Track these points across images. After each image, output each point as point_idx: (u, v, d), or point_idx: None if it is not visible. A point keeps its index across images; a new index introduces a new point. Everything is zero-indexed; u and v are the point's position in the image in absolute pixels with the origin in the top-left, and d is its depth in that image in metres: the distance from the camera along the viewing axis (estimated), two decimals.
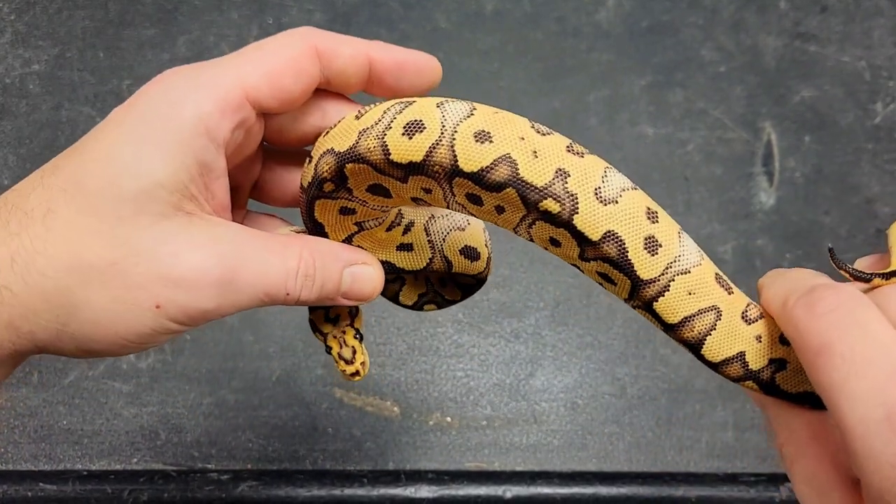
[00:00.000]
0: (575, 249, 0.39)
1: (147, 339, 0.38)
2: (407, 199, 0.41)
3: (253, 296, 0.38)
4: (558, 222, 0.37)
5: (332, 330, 0.47)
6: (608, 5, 0.88)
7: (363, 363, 0.46)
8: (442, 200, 0.40)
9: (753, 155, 0.84)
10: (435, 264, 0.46)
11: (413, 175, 0.38)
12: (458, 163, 0.37)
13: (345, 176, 0.39)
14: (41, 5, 0.87)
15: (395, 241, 0.45)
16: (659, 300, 0.38)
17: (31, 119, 0.83)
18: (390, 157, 0.37)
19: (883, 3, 0.88)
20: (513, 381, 0.77)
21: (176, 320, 0.37)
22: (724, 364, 0.39)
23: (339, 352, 0.46)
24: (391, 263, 0.45)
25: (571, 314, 0.79)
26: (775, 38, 0.87)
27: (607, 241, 0.37)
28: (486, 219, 0.41)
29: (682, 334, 0.39)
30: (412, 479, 0.72)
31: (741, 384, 0.40)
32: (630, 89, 0.86)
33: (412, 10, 0.88)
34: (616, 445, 0.75)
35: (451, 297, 0.51)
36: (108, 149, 0.38)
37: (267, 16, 0.87)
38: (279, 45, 0.40)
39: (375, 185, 0.40)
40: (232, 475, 0.72)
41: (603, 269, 0.39)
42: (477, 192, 0.38)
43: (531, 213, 0.37)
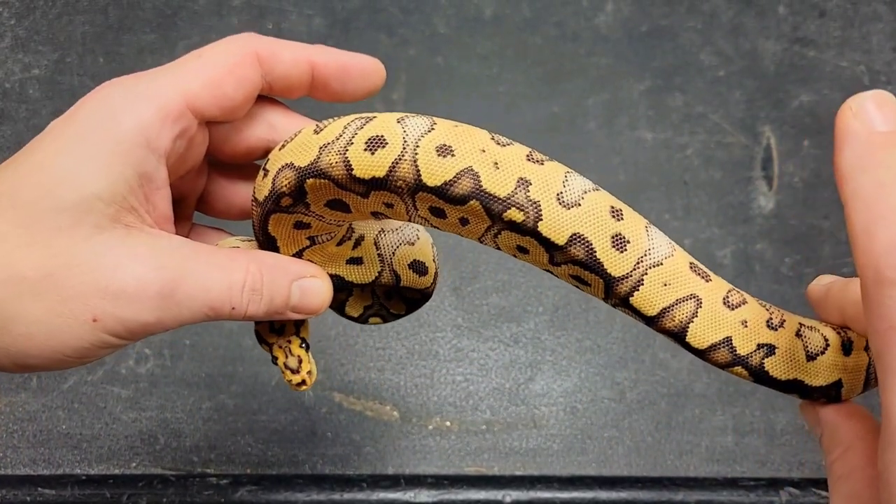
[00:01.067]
0: (544, 255, 0.39)
1: (85, 354, 0.37)
2: (367, 213, 0.41)
3: (196, 310, 0.38)
4: (524, 231, 0.38)
5: (278, 340, 0.47)
6: (607, 10, 0.89)
7: (309, 372, 0.46)
8: (404, 214, 0.40)
9: (752, 159, 0.84)
10: (384, 278, 0.47)
11: (375, 190, 0.38)
12: (421, 177, 0.37)
13: (304, 191, 0.39)
14: (41, 10, 0.87)
15: (345, 256, 0.45)
16: (634, 295, 0.38)
17: (31, 124, 0.83)
18: (353, 172, 0.38)
19: (881, 8, 0.89)
20: (512, 385, 0.77)
21: (115, 334, 0.37)
22: (711, 350, 0.39)
23: (285, 362, 0.46)
24: (340, 277, 0.45)
25: (571, 318, 0.79)
26: (774, 43, 0.87)
27: (574, 243, 0.38)
28: (450, 231, 0.40)
29: (663, 325, 0.39)
30: (412, 483, 0.72)
31: (730, 370, 0.40)
32: (629, 93, 0.86)
33: (411, 15, 0.88)
34: (616, 450, 0.75)
35: (396, 311, 0.52)
36: (44, 160, 0.37)
37: (267, 21, 0.87)
38: (219, 51, 0.39)
39: (335, 201, 0.40)
40: (231, 480, 0.72)
41: (574, 271, 0.39)
42: (440, 205, 0.38)
43: (496, 223, 0.38)
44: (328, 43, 0.86)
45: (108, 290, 0.36)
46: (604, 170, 0.82)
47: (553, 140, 0.83)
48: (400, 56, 0.86)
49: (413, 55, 0.86)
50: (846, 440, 0.37)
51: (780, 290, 0.79)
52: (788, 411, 0.75)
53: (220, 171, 0.46)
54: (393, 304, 0.52)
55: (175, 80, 0.38)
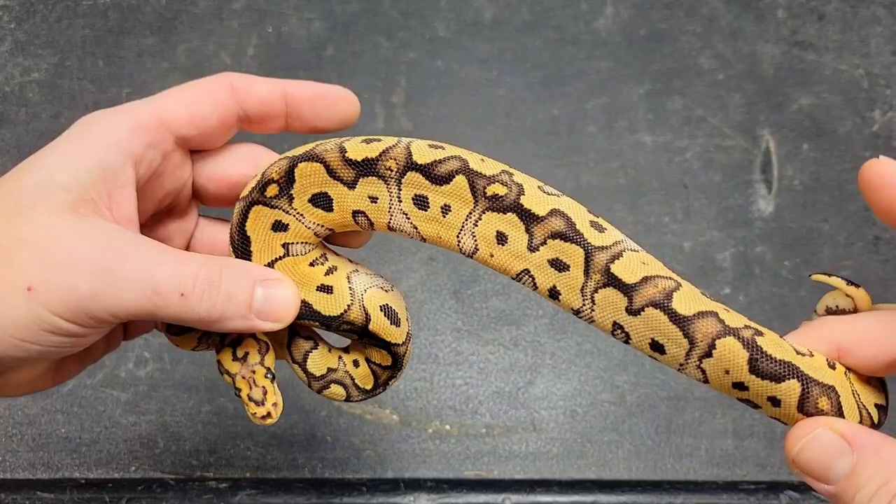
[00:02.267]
0: (523, 238, 0.40)
1: (30, 336, 0.37)
2: (348, 213, 0.42)
3: (138, 290, 0.37)
4: (506, 205, 0.40)
5: (241, 370, 0.44)
6: (606, 13, 0.89)
7: (275, 404, 0.43)
8: (386, 212, 0.42)
9: (752, 162, 0.84)
10: (352, 314, 0.44)
11: (364, 177, 0.41)
12: (412, 156, 0.41)
13: (293, 178, 0.41)
14: (41, 14, 0.87)
15: (317, 281, 0.44)
16: (615, 262, 0.39)
17: (31, 127, 0.83)
18: (346, 154, 0.41)
19: (880, 11, 0.89)
20: (512, 388, 0.77)
21: (51, 309, 0.36)
22: (697, 317, 0.39)
23: (249, 393, 0.43)
24: (308, 304, 0.43)
25: (570, 322, 0.79)
26: (773, 47, 0.88)
27: (554, 215, 0.40)
28: (428, 231, 0.42)
29: (647, 292, 0.39)
30: (411, 487, 0.72)
31: (720, 341, 0.39)
32: (629, 97, 0.86)
33: (411, 19, 0.88)
34: (615, 453, 0.75)
35: (361, 384, 0.48)
36: (27, 161, 0.41)
37: (266, 25, 0.87)
38: (197, 82, 0.42)
39: (320, 195, 0.42)
40: (231, 483, 0.72)
41: (554, 252, 0.40)
42: (425, 191, 0.41)
43: (479, 203, 0.40)
44: (328, 47, 0.87)
45: (46, 260, 0.37)
46: (603, 173, 0.82)
47: (553, 143, 0.83)
48: (400, 59, 0.86)
49: (413, 58, 0.87)
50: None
51: (780, 293, 0.79)
52: None
53: (209, 219, 0.48)
54: (360, 375, 0.48)
55: (151, 101, 0.41)
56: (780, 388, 0.38)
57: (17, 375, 0.41)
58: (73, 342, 0.39)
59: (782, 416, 0.39)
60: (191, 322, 0.39)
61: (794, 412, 0.38)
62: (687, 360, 0.39)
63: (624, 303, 0.39)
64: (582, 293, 0.40)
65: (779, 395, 0.38)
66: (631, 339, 0.40)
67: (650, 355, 0.40)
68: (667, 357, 0.40)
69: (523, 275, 0.41)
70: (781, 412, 0.39)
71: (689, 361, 0.39)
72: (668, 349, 0.39)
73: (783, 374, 0.38)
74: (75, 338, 0.38)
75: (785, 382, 0.38)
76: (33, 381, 0.43)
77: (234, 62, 0.86)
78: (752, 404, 0.40)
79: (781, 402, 0.38)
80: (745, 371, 0.38)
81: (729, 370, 0.38)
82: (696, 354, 0.39)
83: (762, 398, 0.39)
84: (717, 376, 0.39)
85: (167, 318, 0.38)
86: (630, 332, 0.40)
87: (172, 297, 0.38)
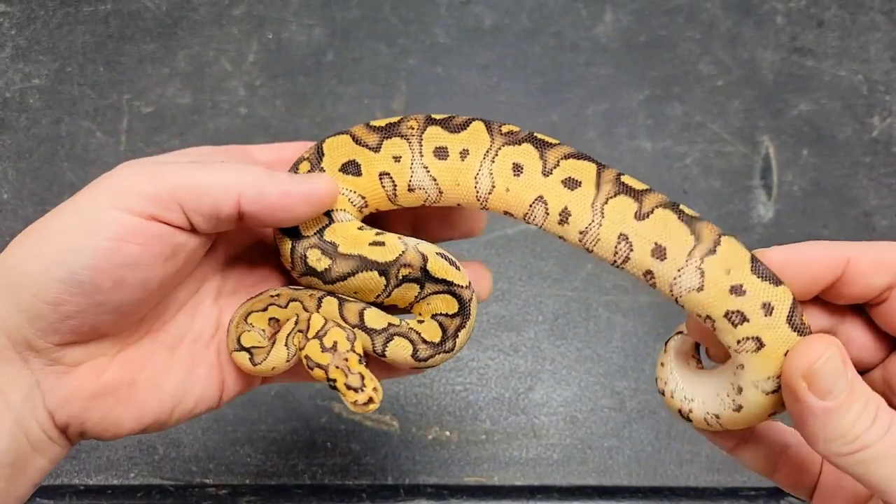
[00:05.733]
0: (537, 165, 0.43)
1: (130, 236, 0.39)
2: (375, 176, 0.44)
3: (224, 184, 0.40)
4: (520, 138, 0.43)
5: (332, 360, 0.43)
6: (606, 20, 0.89)
7: (375, 389, 0.42)
8: (408, 169, 0.44)
9: (751, 168, 0.84)
10: (408, 256, 0.44)
11: (387, 139, 0.44)
12: (431, 115, 0.45)
13: (322, 153, 0.44)
14: (42, 20, 0.87)
15: (368, 239, 0.44)
16: (623, 175, 0.42)
17: (31, 133, 0.83)
18: (370, 123, 0.45)
19: (879, 18, 0.89)
20: (512, 394, 0.77)
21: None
22: (702, 219, 0.41)
23: (346, 382, 0.42)
24: (363, 256, 0.43)
25: (570, 328, 0.79)
26: (772, 53, 0.88)
27: (564, 144, 0.43)
28: (446, 180, 0.44)
29: (655, 198, 0.41)
30: (411, 493, 0.72)
31: (725, 237, 0.41)
32: (628, 103, 0.86)
33: (411, 25, 0.88)
34: (616, 459, 0.75)
35: (429, 337, 0.45)
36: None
37: (267, 31, 0.88)
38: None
39: (349, 163, 0.44)
40: (230, 490, 0.72)
41: (566, 171, 0.42)
42: (445, 141, 0.44)
43: (495, 141, 0.43)
44: (328, 53, 0.87)
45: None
46: None
47: None
48: (400, 66, 0.86)
49: (413, 65, 0.87)
50: None
51: None
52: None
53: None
54: (426, 329, 0.45)
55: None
56: (776, 293, 0.39)
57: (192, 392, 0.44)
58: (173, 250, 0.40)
59: (766, 329, 0.39)
60: (263, 206, 0.40)
61: (784, 323, 0.38)
62: (688, 261, 0.39)
63: (634, 208, 0.41)
64: (592, 207, 0.42)
65: (774, 301, 0.38)
66: (632, 252, 0.41)
67: (646, 271, 0.40)
68: (666, 264, 0.40)
69: (536, 203, 0.42)
70: (771, 321, 0.38)
71: (690, 263, 0.39)
72: (671, 252, 0.40)
73: (779, 279, 0.39)
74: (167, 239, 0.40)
75: (781, 287, 0.39)
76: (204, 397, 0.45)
77: (235, 68, 0.86)
78: (740, 317, 0.39)
79: (774, 310, 0.38)
80: (748, 270, 0.39)
81: (731, 269, 0.39)
82: (698, 253, 0.39)
83: (756, 305, 0.38)
84: (715, 278, 0.39)
85: (247, 202, 0.40)
86: (633, 242, 0.40)
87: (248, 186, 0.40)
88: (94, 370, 0.41)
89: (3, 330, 0.39)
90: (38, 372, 0.40)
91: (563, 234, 0.42)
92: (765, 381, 0.39)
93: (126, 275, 0.39)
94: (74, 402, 0.40)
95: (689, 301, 0.40)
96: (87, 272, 0.38)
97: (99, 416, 0.41)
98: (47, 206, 0.82)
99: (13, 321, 0.39)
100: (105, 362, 0.42)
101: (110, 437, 0.42)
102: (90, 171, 0.82)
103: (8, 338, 0.39)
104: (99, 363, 0.41)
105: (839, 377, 0.35)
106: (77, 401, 0.40)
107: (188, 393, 0.44)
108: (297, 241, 0.43)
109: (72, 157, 0.82)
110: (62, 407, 0.40)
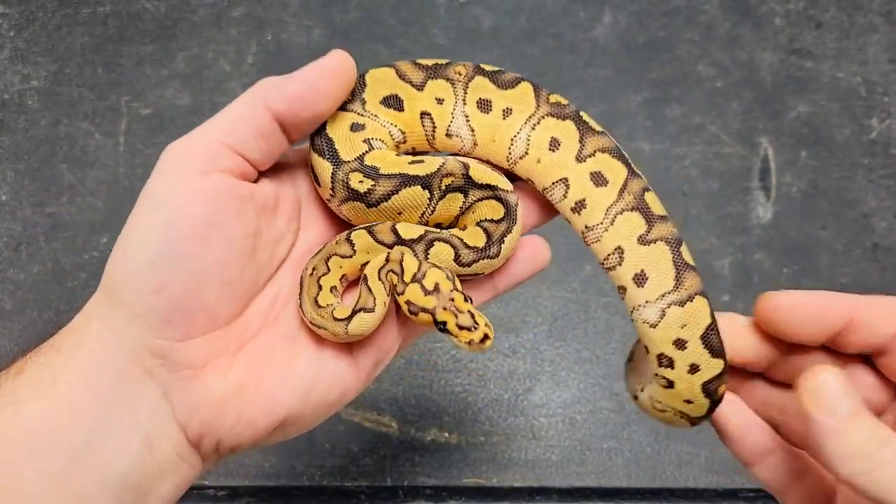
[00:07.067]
0: (574, 147, 0.43)
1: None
2: (416, 114, 0.44)
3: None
4: (566, 114, 0.44)
5: (438, 302, 0.41)
6: (605, 22, 0.89)
7: (488, 325, 0.40)
8: (448, 114, 0.44)
9: (750, 170, 0.84)
10: (449, 165, 0.43)
11: (433, 79, 0.44)
12: (480, 65, 0.44)
13: (364, 83, 0.44)
14: (41, 21, 0.87)
15: (408, 160, 0.44)
16: (647, 192, 0.43)
17: (30, 135, 0.83)
18: (417, 61, 0.44)
19: (877, 19, 0.89)
20: (511, 396, 0.77)
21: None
22: (692, 269, 0.43)
23: (458, 322, 0.40)
24: (404, 174, 0.42)
25: (569, 329, 0.79)
26: (771, 54, 0.88)
27: (606, 135, 0.43)
28: (484, 134, 0.44)
29: (665, 229, 0.42)
30: (410, 495, 0.72)
31: (699, 297, 0.42)
32: (627, 105, 0.86)
33: (410, 27, 0.88)
34: (615, 461, 0.75)
35: (472, 243, 0.43)
36: None
37: (266, 32, 0.88)
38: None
39: (391, 97, 0.44)
40: (229, 492, 0.72)
41: (599, 165, 0.43)
42: (490, 94, 0.44)
43: (540, 107, 0.44)
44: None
45: None
46: None
47: None
48: None
49: None
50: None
51: None
52: None
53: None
54: (468, 234, 0.43)
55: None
56: (710, 362, 0.42)
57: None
58: None
59: (682, 382, 0.42)
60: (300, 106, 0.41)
61: (699, 386, 0.42)
62: (658, 300, 0.41)
63: (642, 230, 0.42)
64: (607, 212, 0.42)
65: (703, 367, 0.42)
66: (620, 266, 0.42)
67: (622, 287, 0.42)
68: (640, 291, 0.42)
69: (559, 183, 0.43)
70: (690, 379, 0.42)
71: (658, 302, 0.42)
72: (649, 284, 0.42)
73: (721, 352, 0.42)
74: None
75: (717, 359, 0.42)
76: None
77: (234, 69, 0.86)
78: (668, 362, 0.42)
79: (698, 373, 0.42)
80: (699, 334, 0.41)
81: (686, 325, 0.41)
82: (670, 299, 0.41)
83: (687, 362, 0.42)
84: (669, 324, 0.41)
85: (274, 103, 0.41)
86: (626, 258, 0.42)
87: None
88: (219, 371, 0.40)
89: (122, 346, 0.39)
90: (164, 382, 0.39)
91: (570, 219, 0.44)
92: (657, 403, 0.45)
93: (207, 236, 0.39)
94: (204, 408, 0.40)
95: (639, 327, 0.42)
96: (169, 244, 0.38)
97: (231, 420, 0.40)
98: (46, 208, 0.83)
99: (131, 331, 0.39)
100: (228, 362, 0.41)
101: (248, 441, 0.41)
102: (89, 173, 0.82)
103: (130, 352, 0.39)
104: (222, 363, 0.41)
105: (841, 396, 0.36)
106: (206, 406, 0.40)
107: (319, 377, 0.42)
108: (338, 167, 0.42)
109: (70, 158, 0.82)
110: (192, 416, 0.40)
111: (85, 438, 0.38)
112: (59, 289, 0.78)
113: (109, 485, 0.38)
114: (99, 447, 0.38)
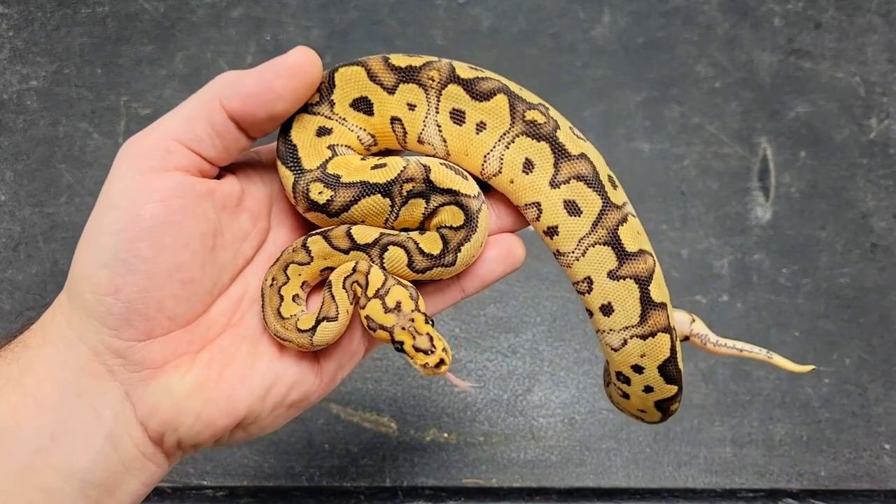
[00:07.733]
0: (549, 172, 0.42)
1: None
2: (387, 119, 0.43)
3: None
4: (541, 134, 0.42)
5: (397, 321, 0.40)
6: (603, 22, 0.89)
7: (445, 349, 0.40)
8: (420, 121, 0.42)
9: (749, 170, 0.84)
10: (410, 170, 0.42)
11: (404, 83, 0.42)
12: (455, 70, 0.42)
13: (333, 83, 0.42)
14: (40, 22, 0.87)
15: (370, 165, 0.42)
16: (622, 226, 0.42)
17: (29, 135, 0.83)
18: (389, 61, 0.42)
19: (876, 20, 0.89)
20: (510, 396, 0.77)
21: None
22: (658, 307, 0.43)
23: (414, 344, 0.40)
24: (364, 181, 0.41)
25: (568, 329, 0.79)
26: (770, 55, 0.88)
27: (583, 159, 0.42)
28: (456, 147, 0.42)
29: (636, 266, 0.42)
30: (409, 495, 0.72)
31: (661, 334, 0.43)
32: (626, 105, 0.86)
33: (409, 27, 0.88)
34: (614, 461, 0.75)
35: (427, 249, 0.42)
36: None
37: (265, 33, 0.88)
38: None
39: (361, 99, 0.42)
40: (228, 492, 0.72)
41: (573, 193, 0.42)
42: (464, 105, 0.42)
43: (515, 125, 0.42)
44: (326, 55, 0.87)
45: None
46: None
47: None
48: None
49: None
50: None
51: (777, 300, 0.79)
52: (787, 422, 0.75)
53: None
54: (425, 239, 0.42)
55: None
56: (663, 387, 0.44)
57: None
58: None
59: (637, 398, 0.46)
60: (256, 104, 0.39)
61: (652, 405, 0.46)
62: (622, 330, 0.43)
63: (611, 266, 0.42)
64: (579, 243, 0.42)
65: (656, 389, 0.45)
66: (589, 294, 0.43)
67: (591, 312, 0.43)
68: (606, 320, 0.43)
69: (532, 206, 0.42)
70: (645, 397, 0.46)
71: (622, 332, 0.43)
72: (615, 315, 0.43)
73: (678, 381, 0.44)
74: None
75: (670, 385, 0.44)
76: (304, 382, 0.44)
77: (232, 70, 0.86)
78: (625, 380, 0.45)
79: (651, 393, 0.45)
80: (657, 365, 0.43)
81: (645, 355, 0.43)
82: (633, 332, 0.42)
83: (643, 383, 0.44)
84: (630, 352, 0.43)
85: (227, 100, 0.40)
86: (595, 289, 0.42)
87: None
88: (179, 370, 0.40)
89: (83, 341, 0.39)
90: (125, 382, 0.39)
91: (543, 239, 0.44)
92: (618, 402, 0.50)
93: (161, 236, 0.38)
94: (163, 407, 0.40)
95: (602, 346, 0.44)
96: (124, 246, 0.38)
97: (191, 419, 0.40)
98: (45, 208, 0.83)
99: (89, 329, 0.39)
100: (188, 361, 0.41)
101: (208, 440, 0.41)
102: (87, 173, 0.82)
103: (90, 349, 0.39)
104: (182, 362, 0.41)
105: None
106: (166, 406, 0.40)
107: (279, 378, 0.42)
108: (300, 176, 0.41)
109: (69, 158, 0.82)
110: (152, 415, 0.40)
111: (49, 432, 0.38)
112: (58, 289, 0.78)
113: (74, 480, 0.39)
114: (62, 442, 0.38)
